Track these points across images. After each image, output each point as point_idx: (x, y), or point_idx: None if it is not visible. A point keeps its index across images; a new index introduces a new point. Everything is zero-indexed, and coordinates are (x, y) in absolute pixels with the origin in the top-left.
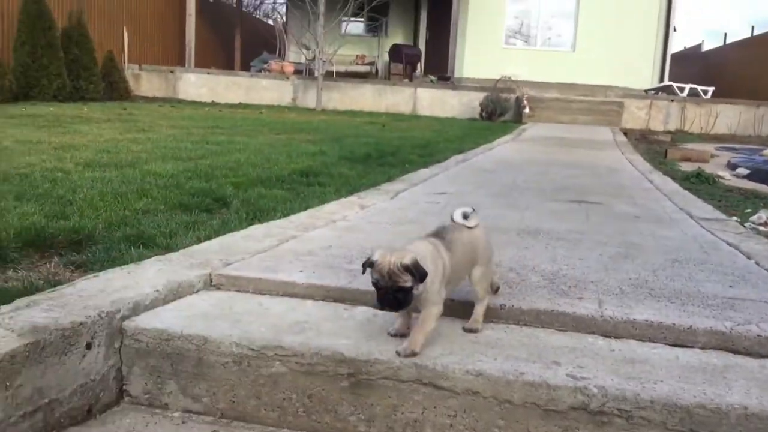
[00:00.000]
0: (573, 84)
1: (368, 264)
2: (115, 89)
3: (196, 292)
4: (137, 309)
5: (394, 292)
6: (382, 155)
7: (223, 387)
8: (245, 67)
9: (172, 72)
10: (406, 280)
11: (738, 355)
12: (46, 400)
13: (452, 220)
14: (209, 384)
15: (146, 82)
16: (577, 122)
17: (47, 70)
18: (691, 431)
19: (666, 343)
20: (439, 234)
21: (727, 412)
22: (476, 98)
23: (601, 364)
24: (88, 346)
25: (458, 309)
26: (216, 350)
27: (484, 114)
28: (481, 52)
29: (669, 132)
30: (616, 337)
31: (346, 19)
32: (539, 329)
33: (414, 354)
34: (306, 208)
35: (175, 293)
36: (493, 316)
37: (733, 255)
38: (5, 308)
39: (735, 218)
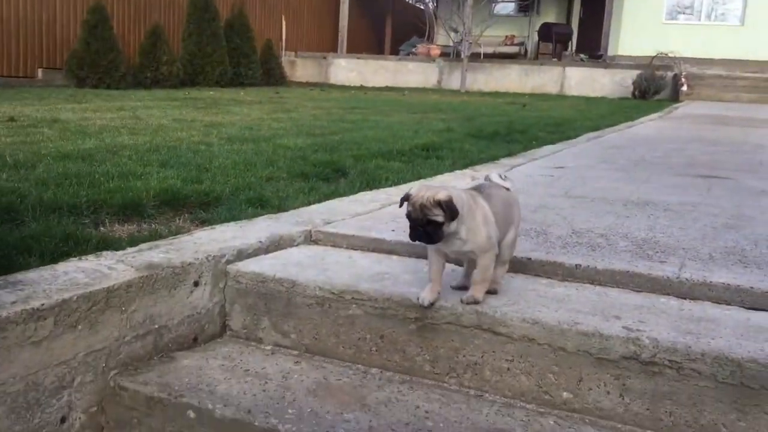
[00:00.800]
0: (740, 60)
1: (405, 198)
2: (272, 75)
3: (296, 245)
4: (241, 255)
5: (425, 225)
6: (511, 132)
7: (308, 325)
8: (395, 52)
9: (324, 58)
10: (437, 215)
11: None
12: (156, 326)
13: (488, 178)
14: (296, 322)
15: (301, 68)
16: (741, 100)
17: (211, 58)
18: (741, 384)
19: (743, 306)
20: (477, 188)
21: None
22: (629, 76)
23: (664, 321)
24: (196, 284)
25: (536, 268)
26: (302, 292)
27: (636, 93)
28: (639, 28)
29: None
30: (691, 299)
31: None
32: (613, 288)
33: (476, 302)
34: (418, 178)
35: (276, 245)
36: (568, 275)
37: None
38: (131, 249)
39: None
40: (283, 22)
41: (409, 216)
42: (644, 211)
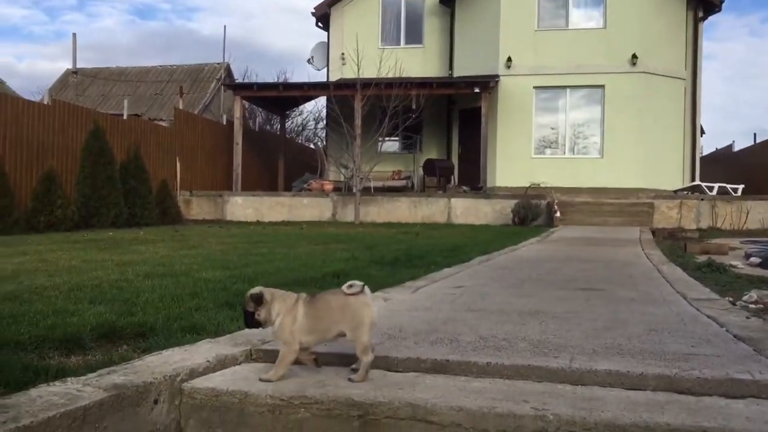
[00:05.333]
0: (603, 188)
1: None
2: (168, 214)
3: (239, 363)
4: (193, 374)
5: (245, 313)
6: (410, 258)
7: (261, 431)
8: (288, 188)
9: (220, 196)
10: (250, 306)
11: (681, 394)
12: None
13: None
14: (250, 430)
15: (196, 206)
16: (608, 224)
17: (106, 200)
18: None
19: (623, 387)
20: (313, 294)
21: (655, 429)
22: (508, 205)
23: (562, 401)
24: (155, 402)
25: (455, 367)
26: (254, 402)
27: (516, 219)
28: (512, 162)
29: (700, 230)
30: (582, 384)
31: (381, 138)
32: (519, 381)
33: (269, 381)
34: None
35: (222, 364)
36: (481, 372)
37: (708, 325)
38: (91, 375)
39: (728, 298)
40: (178, 163)
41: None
42: (536, 318)
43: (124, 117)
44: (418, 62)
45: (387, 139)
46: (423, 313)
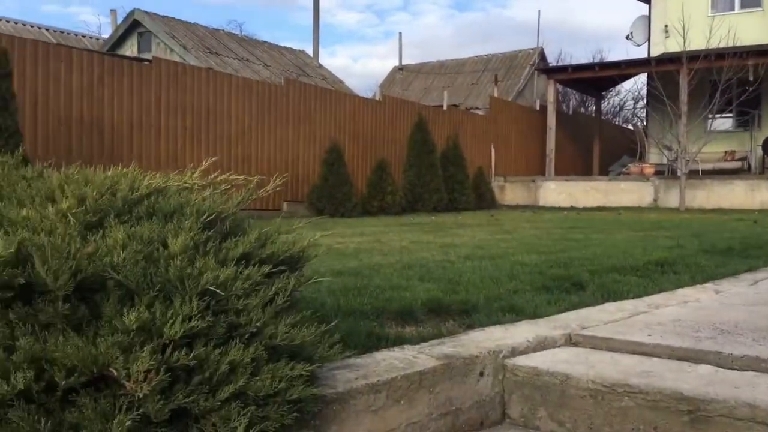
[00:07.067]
0: None
1: None
2: (483, 199)
3: (558, 346)
4: (514, 352)
5: None
6: (747, 248)
7: (582, 415)
8: (604, 172)
9: (533, 181)
10: None
11: None
12: (453, 408)
13: None
14: (571, 412)
15: (510, 192)
16: None
17: (429, 186)
18: None
19: None
20: None
21: None
22: None
23: None
24: (481, 374)
25: None
26: (575, 385)
27: None
28: None
29: None
30: None
31: (711, 116)
32: None
33: None
34: (659, 291)
35: (541, 345)
36: None
37: None
38: (424, 344)
39: None
40: (492, 150)
41: None
42: None
43: (444, 108)
44: (755, 28)
45: (717, 116)
46: (764, 308)
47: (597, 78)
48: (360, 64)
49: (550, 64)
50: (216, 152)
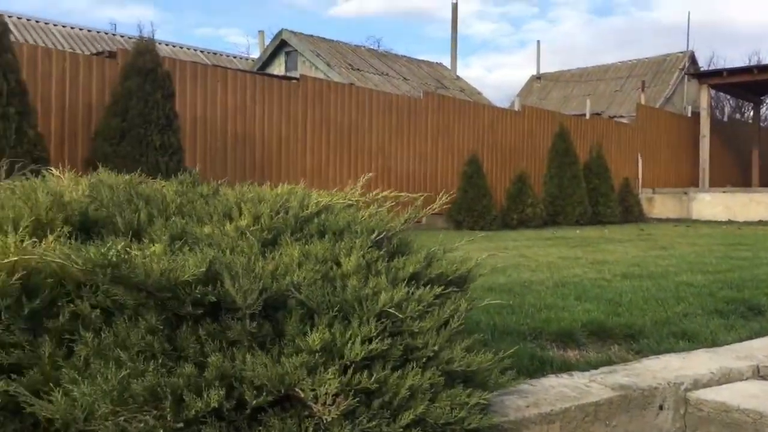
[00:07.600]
0: None
1: None
2: (630, 212)
3: (745, 379)
4: (696, 384)
5: None
6: None
7: None
8: (764, 183)
9: (685, 193)
10: None
11: None
12: None
13: None
14: None
15: (659, 204)
16: None
17: (571, 198)
18: None
19: None
20: None
21: None
22: None
23: None
24: (661, 407)
25: None
26: None
27: None
28: None
29: None
30: None
31: None
32: None
33: None
34: None
35: (726, 377)
36: None
37: None
38: (594, 371)
39: None
40: (639, 160)
41: None
42: None
43: (587, 117)
44: None
45: None
46: None
47: (755, 82)
48: (494, 75)
49: (702, 68)
50: (357, 166)
